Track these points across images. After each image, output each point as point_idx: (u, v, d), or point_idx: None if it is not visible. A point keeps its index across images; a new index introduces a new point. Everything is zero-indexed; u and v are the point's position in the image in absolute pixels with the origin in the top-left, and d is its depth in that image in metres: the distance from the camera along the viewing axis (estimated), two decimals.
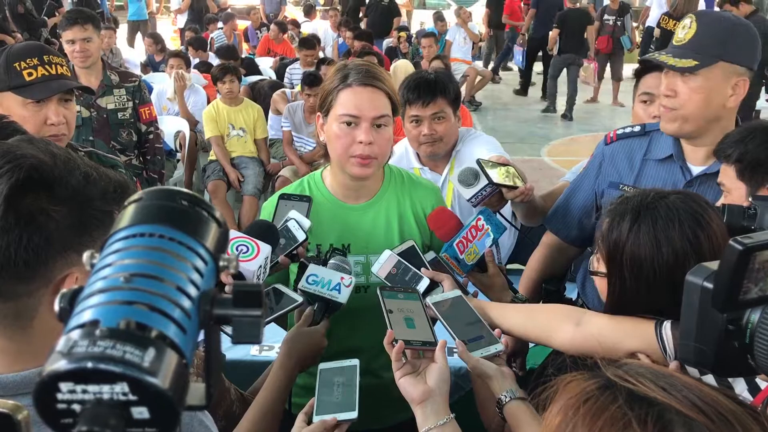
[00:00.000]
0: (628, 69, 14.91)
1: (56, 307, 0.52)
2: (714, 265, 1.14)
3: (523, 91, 12.15)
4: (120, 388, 0.45)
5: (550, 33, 10.45)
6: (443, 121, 2.61)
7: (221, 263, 0.57)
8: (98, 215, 0.93)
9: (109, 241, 0.54)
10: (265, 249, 1.48)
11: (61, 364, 0.44)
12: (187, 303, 0.50)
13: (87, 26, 3.65)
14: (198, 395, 0.53)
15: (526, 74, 12.10)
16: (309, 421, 1.42)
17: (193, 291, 0.52)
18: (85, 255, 0.55)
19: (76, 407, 0.46)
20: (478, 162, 1.98)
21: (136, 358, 0.45)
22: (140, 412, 0.46)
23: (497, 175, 1.95)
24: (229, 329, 1.42)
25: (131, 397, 0.45)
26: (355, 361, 1.54)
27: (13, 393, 0.90)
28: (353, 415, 1.41)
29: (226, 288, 1.40)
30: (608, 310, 1.44)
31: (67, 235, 0.89)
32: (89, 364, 0.44)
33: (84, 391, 0.45)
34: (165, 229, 0.54)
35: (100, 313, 0.47)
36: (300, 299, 1.57)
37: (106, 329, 0.46)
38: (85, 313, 0.48)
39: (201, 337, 0.54)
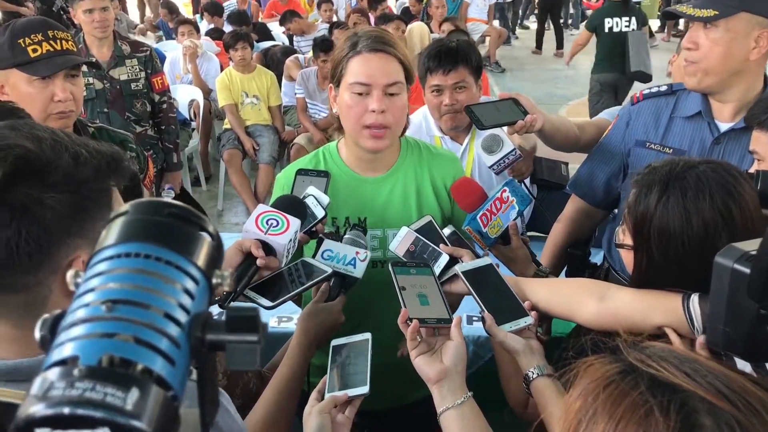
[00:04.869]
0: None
1: (37, 335, 0.48)
2: (745, 245, 1.09)
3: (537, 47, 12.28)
4: None
5: None
6: (465, 90, 2.55)
7: (215, 280, 0.53)
8: (94, 195, 0.90)
9: (93, 261, 0.50)
10: (295, 223, 1.46)
11: (36, 409, 0.41)
12: (175, 330, 0.46)
13: None
14: (192, 425, 0.49)
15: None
16: (323, 399, 1.40)
17: (182, 316, 0.47)
18: (69, 274, 0.51)
19: None
20: (468, 108, 1.94)
21: (118, 401, 0.41)
22: None
23: (489, 117, 1.92)
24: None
25: None
26: (367, 335, 1.51)
27: (28, 378, 0.89)
28: (364, 390, 1.39)
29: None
30: (634, 283, 1.40)
31: (66, 220, 0.87)
32: (66, 410, 0.40)
33: None
34: (151, 247, 0.49)
35: (80, 348, 0.43)
36: (329, 269, 1.54)
37: (85, 368, 0.42)
38: (65, 347, 0.44)
39: None
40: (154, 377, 0.44)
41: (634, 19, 6.38)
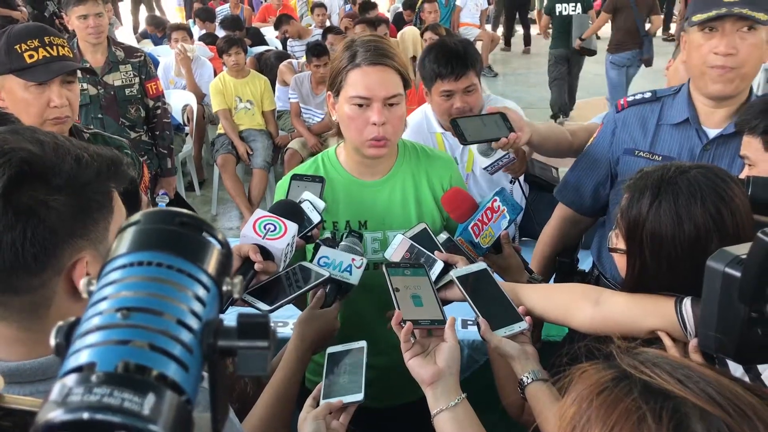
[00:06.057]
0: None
1: (52, 342, 0.49)
2: (735, 249, 1.10)
3: (506, 44, 12.93)
4: None
5: None
6: (473, 93, 2.57)
7: (225, 287, 0.54)
8: (97, 197, 0.92)
9: (106, 270, 0.51)
10: (292, 228, 1.48)
11: (55, 414, 0.42)
12: (188, 337, 0.47)
13: (98, 1, 3.62)
14: (204, 429, 0.50)
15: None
16: (318, 405, 1.41)
17: (194, 323, 0.49)
18: (82, 282, 0.52)
19: None
20: (454, 121, 1.96)
21: (136, 406, 0.42)
22: None
23: (473, 133, 1.94)
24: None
25: None
26: (363, 343, 1.52)
27: (31, 380, 0.91)
28: (359, 397, 1.40)
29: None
30: (627, 287, 1.41)
31: (70, 221, 0.89)
32: (85, 415, 0.41)
33: None
34: (163, 255, 0.51)
35: (97, 355, 0.45)
36: (326, 273, 1.55)
37: (103, 374, 0.43)
38: (81, 354, 0.45)
39: None
40: (168, 383, 0.45)
41: (579, 4, 7.82)
